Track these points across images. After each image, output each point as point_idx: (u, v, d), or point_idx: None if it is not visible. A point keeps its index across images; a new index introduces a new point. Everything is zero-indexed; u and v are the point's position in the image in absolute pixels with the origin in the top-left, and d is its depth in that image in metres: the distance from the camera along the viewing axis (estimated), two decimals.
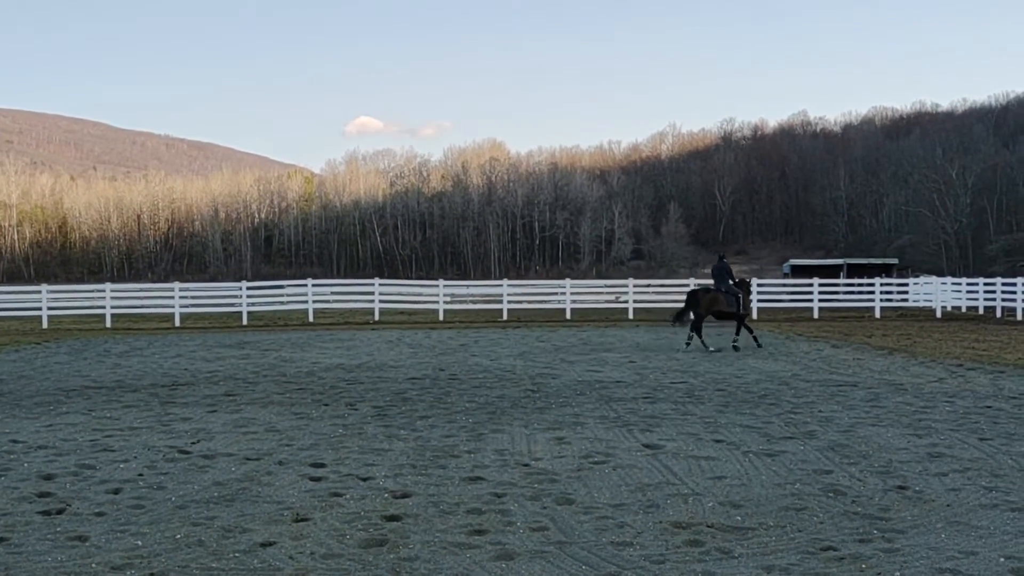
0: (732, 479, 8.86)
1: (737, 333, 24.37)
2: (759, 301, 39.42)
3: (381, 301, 39.68)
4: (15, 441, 11.12)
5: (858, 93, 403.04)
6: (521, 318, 38.35)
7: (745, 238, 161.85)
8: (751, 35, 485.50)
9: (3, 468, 9.59)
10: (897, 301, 44.78)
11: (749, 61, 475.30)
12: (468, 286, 51.10)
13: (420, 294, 43.48)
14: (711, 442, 10.70)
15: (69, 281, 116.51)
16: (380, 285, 40.48)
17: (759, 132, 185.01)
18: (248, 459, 9.96)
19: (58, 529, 7.33)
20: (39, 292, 39.04)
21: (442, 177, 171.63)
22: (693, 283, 40.76)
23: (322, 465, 9.62)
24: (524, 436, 11.19)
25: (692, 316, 24.33)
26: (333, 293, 43.78)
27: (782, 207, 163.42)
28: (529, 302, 43.44)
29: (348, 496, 8.31)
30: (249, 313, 38.38)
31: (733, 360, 20.42)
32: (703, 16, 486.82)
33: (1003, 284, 40.20)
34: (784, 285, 46.53)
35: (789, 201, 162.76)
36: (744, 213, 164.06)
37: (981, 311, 42.75)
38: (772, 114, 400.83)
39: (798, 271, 68.84)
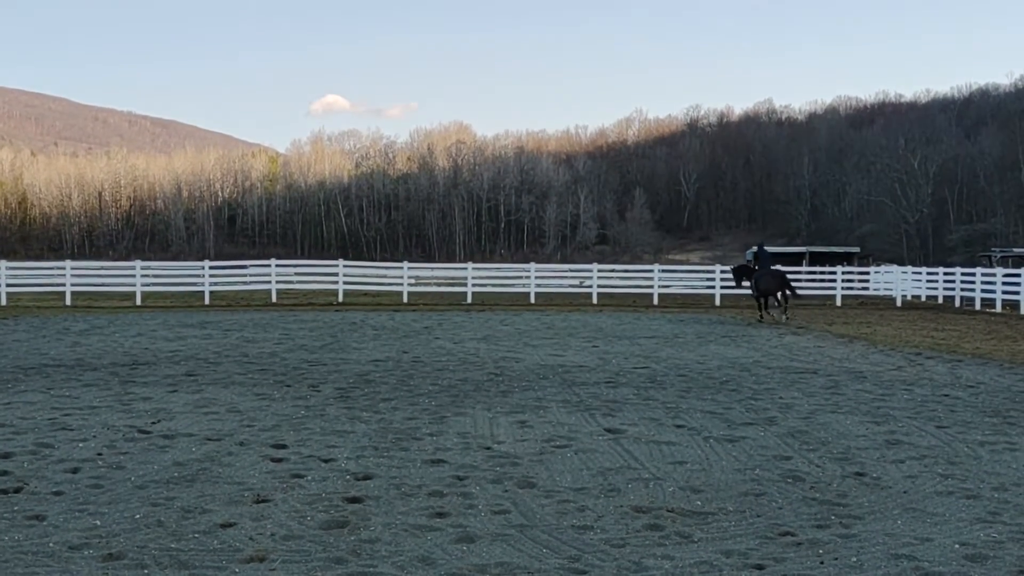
0: (693, 464, 8.92)
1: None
2: (721, 287, 39.66)
3: (345, 283, 39.55)
4: None
5: (823, 82, 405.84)
6: (485, 301, 38.35)
7: (709, 225, 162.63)
8: (718, 22, 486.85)
9: None
10: (858, 289, 45.15)
11: (716, 48, 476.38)
12: (433, 269, 51.06)
13: (384, 276, 43.31)
14: (672, 427, 10.76)
15: (28, 258, 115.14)
16: (344, 267, 40.31)
17: (725, 119, 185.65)
18: (209, 439, 9.91)
19: (15, 508, 7.26)
20: None
21: (408, 159, 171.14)
22: (657, 269, 40.95)
23: (283, 446, 9.59)
24: (487, 419, 11.20)
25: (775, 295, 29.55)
26: (297, 274, 43.63)
27: (746, 194, 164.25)
28: (494, 285, 43.44)
29: (309, 478, 8.29)
30: (212, 293, 38.13)
31: (695, 347, 20.54)
32: (670, 3, 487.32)
33: (962, 274, 40.62)
34: None
35: (753, 188, 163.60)
36: (709, 200, 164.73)
37: (940, 300, 43.25)
38: (738, 102, 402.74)
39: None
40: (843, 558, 6.24)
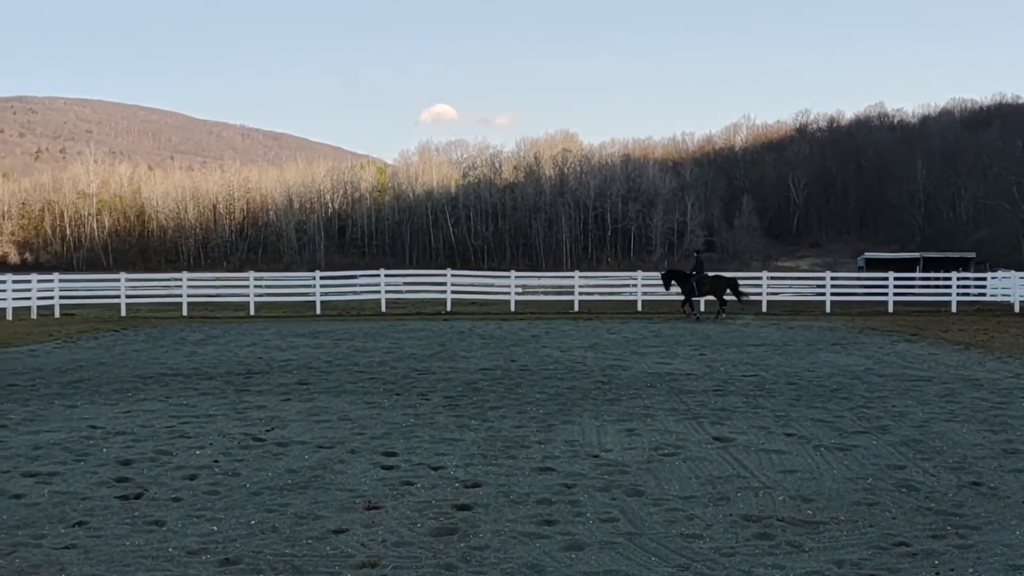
0: (803, 473, 8.80)
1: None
2: (832, 294, 39.11)
3: (453, 292, 39.83)
4: (94, 427, 11.39)
5: (937, 85, 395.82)
6: (592, 310, 38.28)
7: (819, 231, 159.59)
8: (827, 26, 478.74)
9: (83, 453, 9.83)
10: (974, 295, 43.86)
11: (825, 52, 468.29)
12: (540, 277, 51.15)
13: (492, 285, 43.49)
14: (782, 436, 10.63)
15: (147, 269, 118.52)
16: (452, 276, 40.62)
17: (835, 124, 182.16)
18: (321, 447, 10.10)
19: (136, 514, 7.50)
20: (118, 280, 39.83)
21: (514, 168, 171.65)
22: (766, 276, 40.43)
23: (394, 454, 9.72)
24: (594, 427, 11.20)
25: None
26: (405, 283, 44.02)
27: (857, 200, 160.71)
28: (600, 294, 43.28)
29: (419, 485, 8.39)
30: (322, 302, 38.77)
31: (805, 354, 20.21)
32: (779, 5, 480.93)
33: None
34: (858, 279, 45.84)
35: (864, 194, 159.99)
36: (818, 206, 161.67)
37: None
38: (849, 105, 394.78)
39: (873, 265, 67.75)
40: (959, 569, 6.10)
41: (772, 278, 42.48)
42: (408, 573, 6.12)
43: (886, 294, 39.76)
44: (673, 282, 34.89)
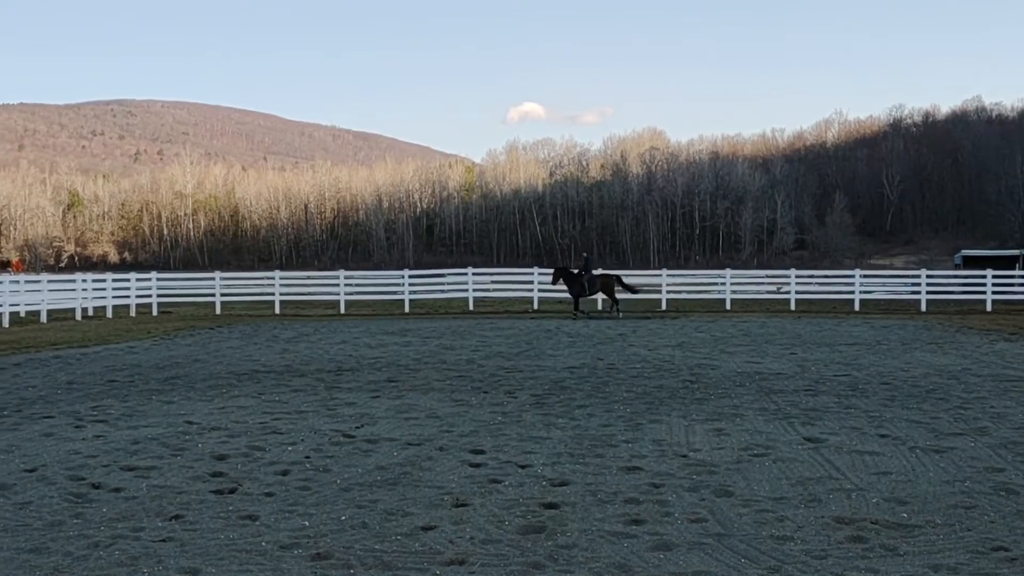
0: (898, 475, 8.63)
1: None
2: (927, 292, 38.34)
3: (540, 290, 39.86)
4: (190, 422, 11.63)
5: None
6: (680, 308, 38.02)
7: (914, 228, 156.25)
8: (922, 18, 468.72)
9: (179, 448, 10.05)
10: None
11: (920, 45, 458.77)
12: (627, 276, 50.88)
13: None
14: (875, 437, 10.44)
15: (240, 268, 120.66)
16: (539, 274, 40.64)
17: (930, 118, 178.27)
18: (410, 444, 10.19)
19: (230, 508, 7.64)
20: (213, 279, 40.70)
21: (601, 166, 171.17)
22: (858, 274, 39.78)
23: (481, 452, 9.76)
24: (682, 427, 11.13)
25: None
26: (493, 282, 44.12)
27: (954, 196, 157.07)
28: (688, 292, 42.96)
29: (507, 483, 8.42)
30: (411, 301, 39.08)
31: (899, 353, 19.83)
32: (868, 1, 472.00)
33: None
34: (955, 276, 44.84)
35: (961, 190, 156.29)
36: (913, 202, 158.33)
37: None
38: (944, 100, 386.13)
39: (970, 262, 66.14)
40: None
41: (865, 276, 41.76)
42: (496, 571, 6.14)
43: (984, 292, 38.81)
44: (561, 281, 34.68)
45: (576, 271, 34.92)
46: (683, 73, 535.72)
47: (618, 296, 34.25)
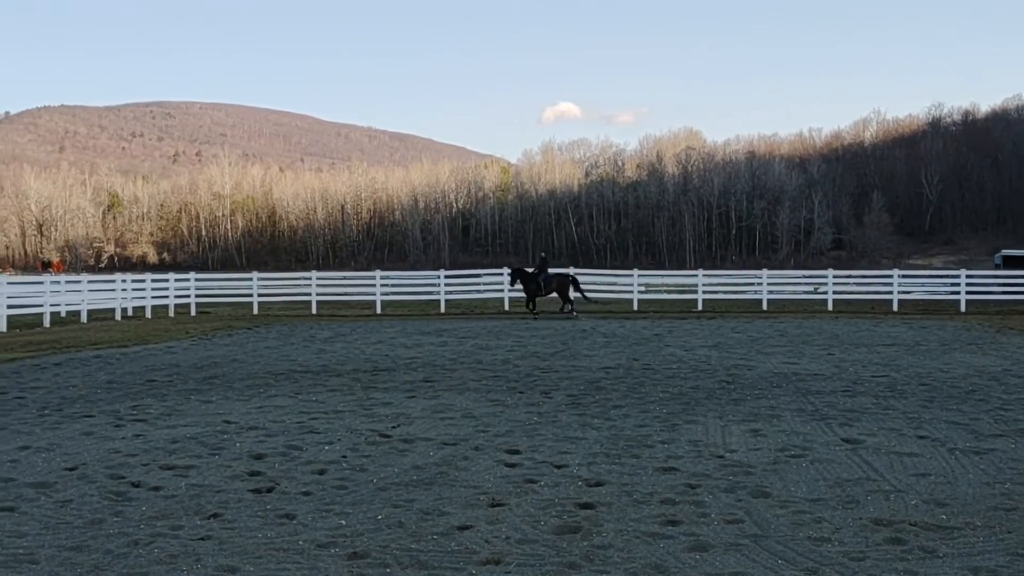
0: (937, 476, 8.56)
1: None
2: (967, 293, 37.96)
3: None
4: (228, 422, 11.72)
5: None
6: (716, 308, 37.87)
7: (953, 228, 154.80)
8: (960, 17, 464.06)
9: (217, 447, 10.13)
10: None
11: (959, 44, 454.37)
12: (663, 276, 50.79)
13: (614, 283, 43.35)
14: (914, 438, 10.35)
15: (277, 269, 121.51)
16: (575, 274, 40.60)
17: (970, 117, 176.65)
18: (445, 444, 10.21)
19: (268, 507, 7.70)
20: (250, 279, 41.00)
21: (637, 166, 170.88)
22: (897, 274, 39.44)
23: (517, 452, 9.77)
24: (719, 427, 11.09)
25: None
26: None
27: (994, 195, 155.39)
28: (725, 292, 42.81)
29: (542, 483, 8.42)
30: (447, 301, 39.16)
31: (938, 354, 19.65)
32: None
33: None
34: (995, 276, 44.34)
35: (1002, 189, 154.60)
36: (952, 202, 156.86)
37: None
38: (984, 98, 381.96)
39: (1011, 262, 65.43)
40: None
41: (904, 276, 41.40)
42: (532, 571, 6.14)
43: None
44: (518, 281, 35.25)
45: (532, 271, 35.33)
46: (719, 73, 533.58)
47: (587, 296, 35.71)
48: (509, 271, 37.12)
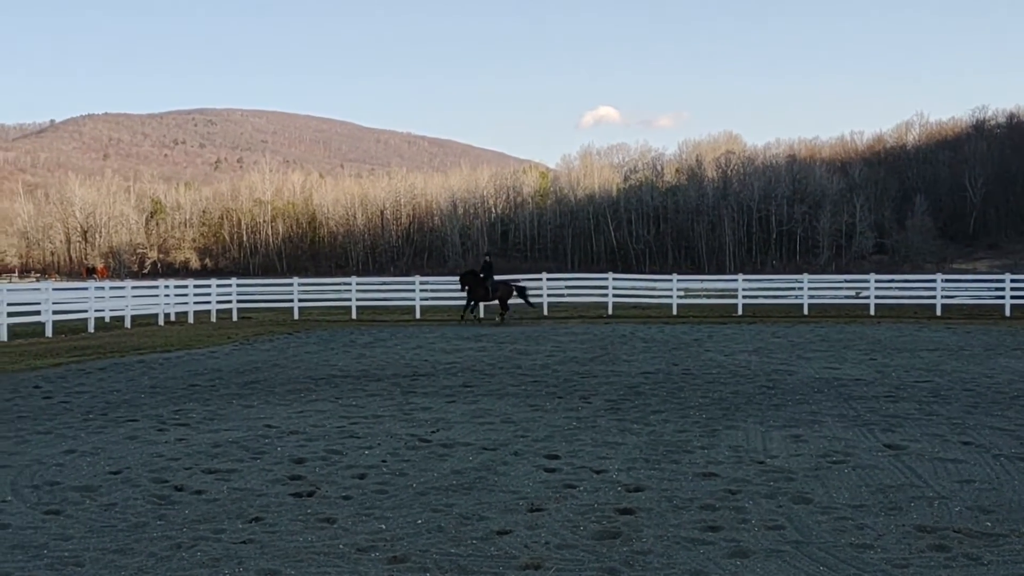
0: (981, 483, 8.46)
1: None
2: (1012, 297, 37.50)
3: (615, 295, 39.78)
4: (269, 426, 11.80)
5: None
6: (756, 313, 37.66)
7: (998, 231, 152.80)
8: (1004, 18, 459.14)
9: (259, 452, 10.20)
10: None
11: (1004, 46, 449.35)
12: (702, 280, 50.59)
13: (654, 288, 43.27)
14: (958, 444, 10.24)
15: (318, 274, 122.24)
16: (614, 279, 40.58)
17: (1015, 120, 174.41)
18: (485, 449, 10.22)
19: (308, 511, 7.74)
20: (291, 285, 41.25)
21: (676, 171, 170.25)
22: (940, 278, 39.03)
23: (556, 457, 9.77)
24: (759, 433, 11.02)
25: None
26: (567, 287, 44.11)
27: None
28: (765, 297, 42.55)
29: (582, 488, 8.41)
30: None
31: (983, 359, 19.43)
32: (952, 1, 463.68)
33: None
34: None
35: None
36: (997, 205, 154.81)
37: None
38: None
39: None
40: None
41: (947, 280, 40.96)
42: None
43: None
44: (467, 285, 34.90)
45: (480, 275, 34.99)
46: (759, 76, 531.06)
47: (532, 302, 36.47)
48: (460, 275, 36.75)
